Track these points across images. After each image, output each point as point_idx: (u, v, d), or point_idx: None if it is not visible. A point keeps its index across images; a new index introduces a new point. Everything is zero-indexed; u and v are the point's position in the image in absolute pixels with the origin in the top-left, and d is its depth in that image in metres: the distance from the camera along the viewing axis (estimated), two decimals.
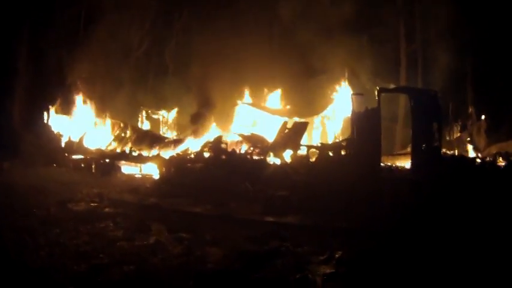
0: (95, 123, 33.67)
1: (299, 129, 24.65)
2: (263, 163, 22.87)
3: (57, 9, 39.44)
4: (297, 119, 29.14)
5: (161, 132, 38.93)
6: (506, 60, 37.65)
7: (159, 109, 42.28)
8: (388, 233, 13.35)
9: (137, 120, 40.35)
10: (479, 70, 40.39)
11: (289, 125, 25.33)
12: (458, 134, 34.20)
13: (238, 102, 33.75)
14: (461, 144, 32.58)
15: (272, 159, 23.57)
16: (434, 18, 39.41)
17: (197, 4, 44.89)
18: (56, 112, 34.12)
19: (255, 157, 23.74)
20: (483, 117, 32.71)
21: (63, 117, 34.22)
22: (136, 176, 26.77)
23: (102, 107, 37.01)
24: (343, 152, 21.32)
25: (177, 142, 30.54)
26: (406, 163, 25.35)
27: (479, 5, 38.00)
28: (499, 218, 14.28)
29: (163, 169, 24.54)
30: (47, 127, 32.91)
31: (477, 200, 16.14)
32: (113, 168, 27.11)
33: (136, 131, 32.64)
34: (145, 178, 25.62)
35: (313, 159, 22.22)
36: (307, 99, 36.19)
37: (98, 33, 38.65)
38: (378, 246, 12.07)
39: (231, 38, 35.94)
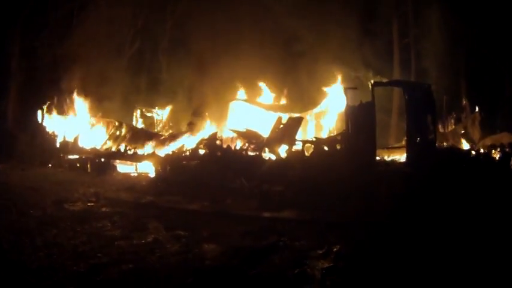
0: (90, 123, 33.58)
1: (294, 125, 24.65)
2: (258, 159, 22.88)
3: (49, 8, 39.47)
4: (291, 114, 29.11)
5: (156, 130, 38.85)
6: (499, 53, 37.78)
7: (153, 107, 42.18)
8: (385, 226, 13.40)
9: (132, 119, 40.25)
10: (472, 63, 40.51)
11: (284, 120, 25.32)
12: (453, 127, 34.23)
13: (233, 98, 33.69)
14: (455, 136, 32.60)
15: (267, 155, 23.59)
16: (428, 12, 39.50)
17: (190, 0, 44.88)
18: (50, 112, 34.06)
19: (250, 153, 23.77)
20: (477, 109, 32.75)
21: (57, 117, 34.16)
22: (132, 174, 26.73)
23: (97, 106, 36.97)
24: (338, 146, 21.36)
25: (172, 139, 30.43)
26: (401, 156, 25.39)
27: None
28: (494, 210, 14.36)
29: (159, 167, 24.56)
30: (41, 127, 32.88)
31: (472, 192, 16.21)
32: (109, 167, 27.10)
33: (131, 129, 32.54)
34: (141, 176, 25.60)
35: (308, 154, 22.24)
36: (301, 94, 36.20)
37: (91, 31, 38.58)
38: (375, 239, 12.13)
39: (224, 33, 35.92)
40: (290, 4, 37.46)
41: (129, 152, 28.23)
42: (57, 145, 31.49)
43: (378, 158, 22.94)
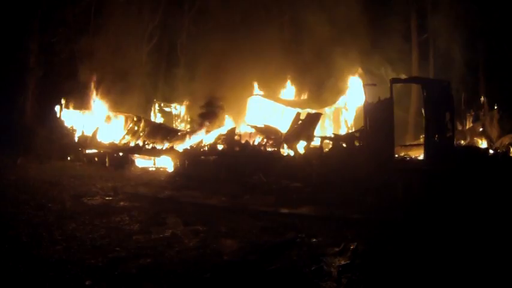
0: (108, 117, 33.68)
1: (312, 121, 24.63)
2: (277, 155, 22.91)
3: (67, 3, 39.57)
4: (310, 110, 29.09)
5: (174, 125, 38.94)
6: None
7: (171, 102, 42.27)
8: (402, 224, 13.39)
9: (150, 114, 40.37)
10: (491, 60, 40.29)
11: (302, 116, 25.30)
12: (471, 125, 34.08)
13: (252, 93, 33.69)
14: (473, 134, 32.45)
15: (286, 151, 23.60)
16: (446, 8, 39.32)
17: None
18: (69, 107, 34.20)
19: (269, 149, 23.79)
20: (496, 107, 32.56)
21: (76, 112, 34.30)
22: (150, 169, 26.83)
23: (115, 101, 37.09)
24: (356, 143, 21.34)
25: (190, 134, 30.41)
26: (419, 154, 25.32)
27: None
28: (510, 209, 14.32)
29: (177, 162, 24.66)
30: (60, 122, 33.03)
31: (489, 190, 16.16)
32: (127, 161, 27.19)
33: (150, 124, 32.61)
34: (159, 171, 25.71)
35: (326, 150, 22.23)
36: (320, 90, 36.17)
37: (108, 26, 38.71)
38: (392, 237, 12.13)
39: (242, 28, 35.97)
40: None
41: (147, 147, 28.32)
42: (76, 139, 31.63)
43: (395, 155, 22.89)
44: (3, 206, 15.43)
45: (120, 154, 28.01)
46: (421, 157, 23.20)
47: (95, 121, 33.13)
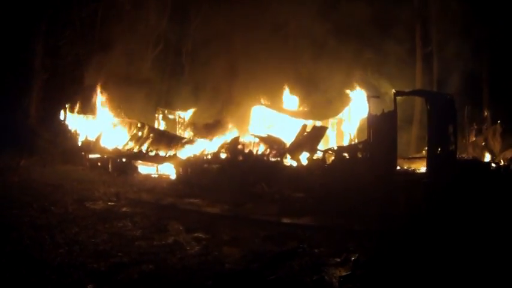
0: (112, 123, 33.66)
1: (318, 134, 24.61)
2: (280, 165, 22.90)
3: (73, 7, 39.66)
4: (314, 122, 29.09)
5: (177, 133, 38.90)
6: None
7: (175, 109, 42.21)
8: (403, 236, 13.40)
9: (154, 120, 40.35)
10: (495, 73, 40.27)
11: (308, 129, 25.25)
12: (474, 138, 34.03)
13: (255, 103, 33.66)
14: (476, 148, 32.40)
15: (289, 161, 23.59)
16: (450, 20, 39.32)
17: (213, 3, 45.08)
18: (73, 111, 34.21)
19: (272, 159, 23.78)
20: (499, 121, 32.51)
21: (80, 116, 34.31)
22: (153, 175, 26.84)
23: (119, 107, 37.10)
24: (359, 155, 21.32)
25: (193, 142, 30.39)
26: (421, 166, 25.31)
27: (495, 6, 37.88)
28: None
29: (180, 169, 24.65)
30: (63, 126, 33.06)
31: (491, 204, 16.17)
32: (130, 167, 27.19)
33: (153, 131, 32.53)
34: (162, 178, 25.72)
35: (329, 162, 22.22)
36: (324, 100, 36.15)
37: (114, 31, 38.75)
38: (393, 248, 12.15)
39: (247, 37, 35.98)
40: (313, 9, 37.47)
41: (150, 153, 28.31)
42: (79, 144, 31.66)
43: (398, 167, 22.88)
44: (6, 208, 15.51)
45: (123, 160, 28.01)
46: (424, 170, 23.17)
47: (98, 126, 33.13)
